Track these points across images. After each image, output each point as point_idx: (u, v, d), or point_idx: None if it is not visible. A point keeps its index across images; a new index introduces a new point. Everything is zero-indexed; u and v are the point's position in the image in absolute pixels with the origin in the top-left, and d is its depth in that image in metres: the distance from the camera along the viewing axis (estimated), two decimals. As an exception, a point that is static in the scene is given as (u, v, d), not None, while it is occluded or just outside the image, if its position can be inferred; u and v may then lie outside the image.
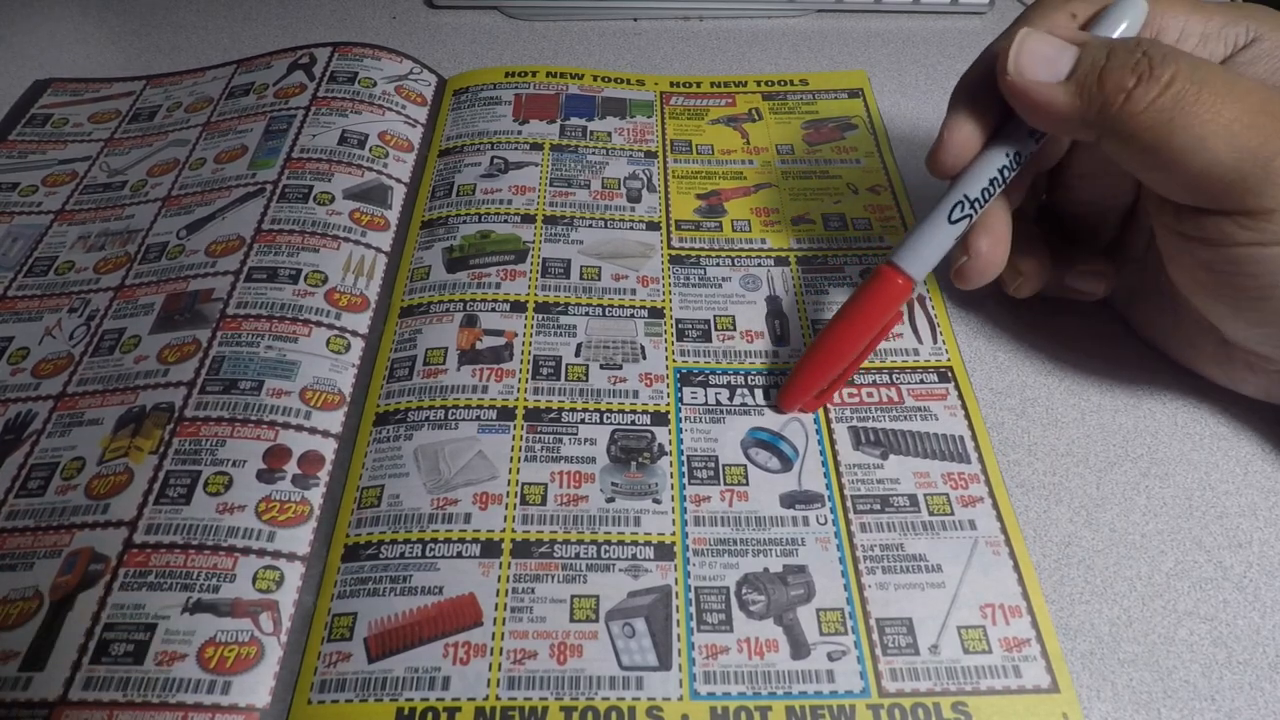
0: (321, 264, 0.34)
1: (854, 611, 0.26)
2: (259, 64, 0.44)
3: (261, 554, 0.27)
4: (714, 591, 0.26)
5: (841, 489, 0.29)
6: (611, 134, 0.41)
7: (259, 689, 0.24)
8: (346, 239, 0.35)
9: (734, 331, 0.33)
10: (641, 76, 0.45)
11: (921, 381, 0.31)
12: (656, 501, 0.28)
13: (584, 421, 0.30)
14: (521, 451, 0.29)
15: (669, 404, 0.31)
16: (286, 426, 0.29)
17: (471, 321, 0.33)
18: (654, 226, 0.37)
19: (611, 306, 0.34)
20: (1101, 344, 0.33)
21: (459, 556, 0.27)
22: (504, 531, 0.27)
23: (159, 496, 0.27)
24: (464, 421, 0.30)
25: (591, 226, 0.37)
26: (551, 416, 0.30)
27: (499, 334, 0.33)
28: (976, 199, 0.27)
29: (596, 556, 0.27)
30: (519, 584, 0.26)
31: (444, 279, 0.35)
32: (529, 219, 0.37)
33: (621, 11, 0.50)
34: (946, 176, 0.28)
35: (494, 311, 0.33)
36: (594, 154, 0.40)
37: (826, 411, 0.31)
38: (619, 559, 0.27)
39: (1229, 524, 0.28)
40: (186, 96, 0.44)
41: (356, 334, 0.33)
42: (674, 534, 0.28)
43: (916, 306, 0.34)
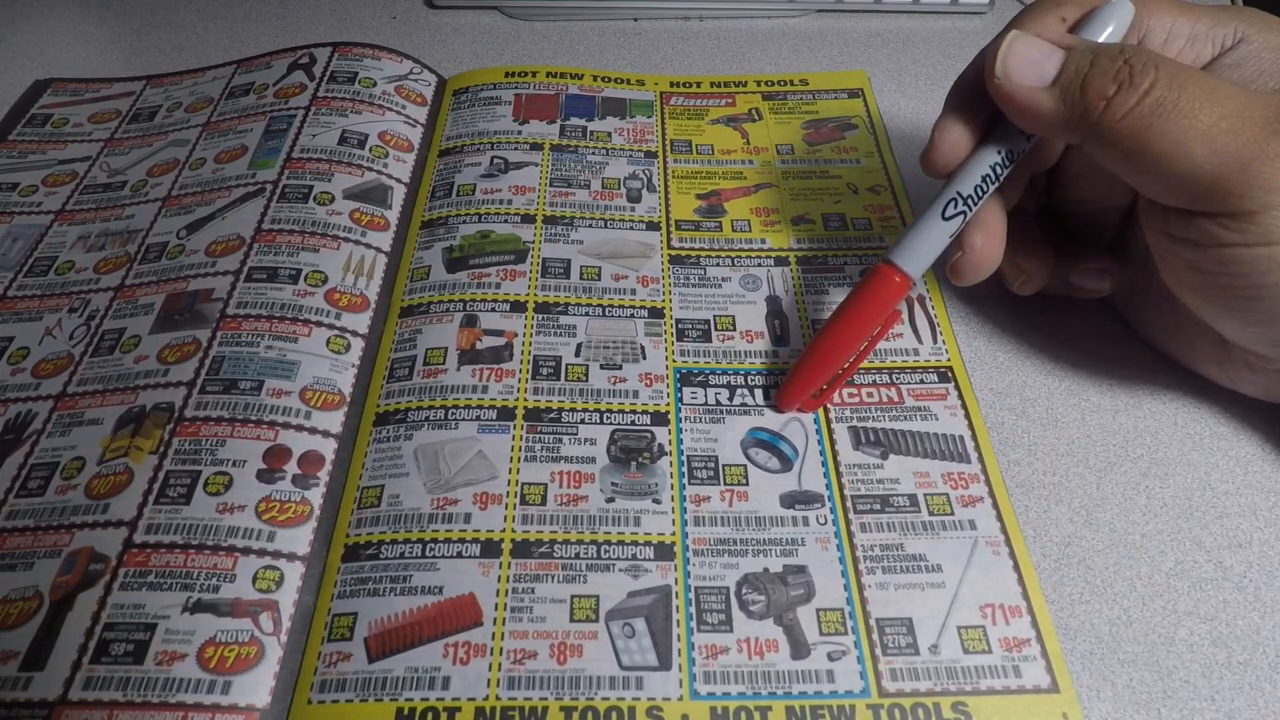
0: (321, 264, 0.34)
1: (854, 611, 0.26)
2: (259, 64, 0.44)
3: (261, 554, 0.27)
4: (714, 591, 0.26)
5: (841, 489, 0.29)
6: (611, 134, 0.41)
7: (259, 689, 0.24)
8: (346, 239, 0.35)
9: (734, 331, 0.33)
10: (641, 76, 0.45)
11: (921, 381, 0.31)
12: (656, 501, 0.28)
13: (584, 421, 0.30)
14: (521, 451, 0.29)
15: (669, 404, 0.31)
16: (286, 426, 0.29)
17: (471, 321, 0.33)
18: (654, 226, 0.37)
19: (611, 306, 0.34)
20: (1102, 344, 0.33)
21: (459, 556, 0.27)
22: (504, 531, 0.27)
23: (159, 496, 0.27)
24: (464, 421, 0.30)
25: (591, 226, 0.37)
26: (551, 416, 0.30)
27: (499, 334, 0.33)
28: (970, 196, 0.27)
29: (596, 556, 0.27)
30: (519, 584, 0.26)
31: (444, 279, 0.35)
32: (529, 219, 0.37)
33: (621, 11, 0.50)
34: (940, 175, 0.28)
35: (494, 311, 0.33)
36: (594, 154, 0.40)
37: (826, 411, 0.31)
38: (619, 559, 0.27)
39: (1229, 524, 0.28)
40: (186, 96, 0.44)
41: (356, 334, 0.33)
42: (674, 534, 0.28)
43: (916, 306, 0.34)
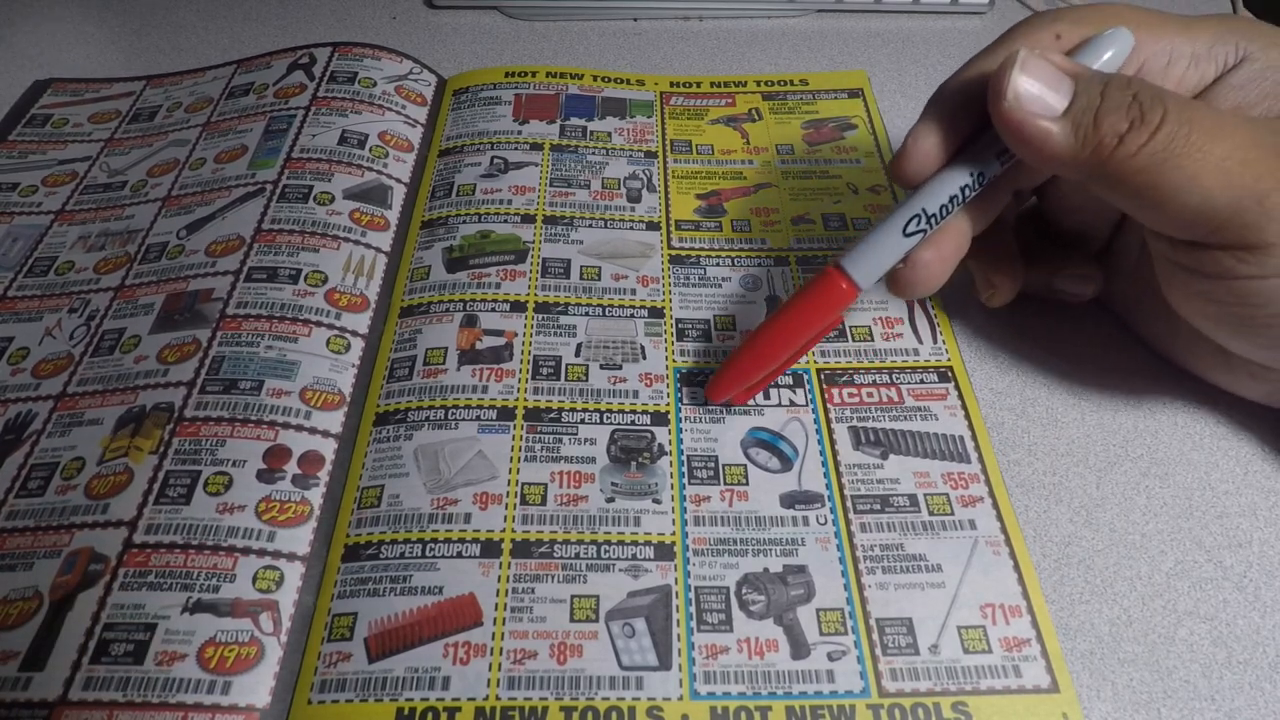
0: (321, 264, 0.34)
1: (854, 611, 0.26)
2: (259, 64, 0.44)
3: (261, 554, 0.27)
4: (714, 591, 0.26)
5: (841, 489, 0.29)
6: (611, 134, 0.41)
7: (259, 689, 0.24)
8: (346, 239, 0.35)
9: (734, 331, 0.33)
10: (641, 76, 0.45)
11: (921, 381, 0.31)
12: (656, 501, 0.28)
13: (584, 421, 0.30)
14: (521, 451, 0.29)
15: (669, 404, 0.31)
16: (286, 426, 0.29)
17: (471, 321, 0.33)
18: (654, 226, 0.37)
19: (611, 306, 0.34)
20: (1102, 344, 0.33)
21: (459, 556, 0.27)
22: (504, 531, 0.27)
23: (159, 496, 0.27)
24: (464, 421, 0.30)
25: (591, 226, 0.37)
26: (551, 416, 0.30)
27: (499, 334, 0.33)
28: (934, 215, 0.26)
29: (596, 556, 0.27)
30: (519, 584, 0.26)
31: (444, 279, 0.35)
32: (529, 219, 0.37)
33: (621, 11, 0.50)
34: (907, 186, 0.27)
35: (494, 311, 0.33)
36: (594, 154, 0.40)
37: (826, 411, 0.31)
38: (619, 559, 0.27)
39: (1229, 524, 0.28)
40: (186, 96, 0.44)
41: (356, 334, 0.33)
42: (674, 534, 0.28)
43: (916, 306, 0.34)
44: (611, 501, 0.28)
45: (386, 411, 0.31)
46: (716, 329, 0.33)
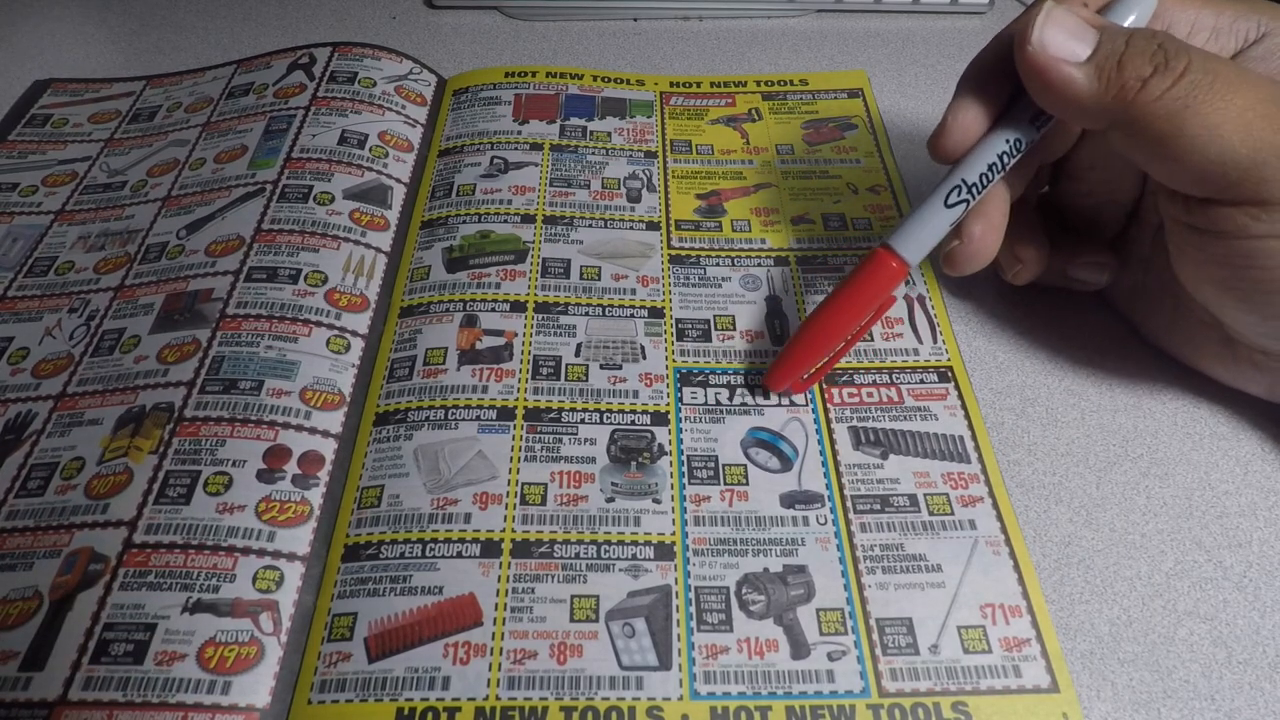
0: (321, 264, 0.34)
1: (854, 611, 0.26)
2: (259, 64, 0.44)
3: (261, 554, 0.27)
4: (714, 591, 0.26)
5: (841, 489, 0.29)
6: (611, 134, 0.41)
7: (259, 689, 0.24)
8: (346, 239, 0.35)
9: (734, 331, 0.33)
10: (641, 76, 0.45)
11: (921, 381, 0.31)
12: (656, 501, 0.28)
13: (584, 421, 0.30)
14: (521, 451, 0.29)
15: (669, 404, 0.31)
16: (286, 426, 0.29)
17: (471, 321, 0.33)
18: (654, 226, 0.37)
19: (611, 306, 0.34)
20: (1102, 344, 0.33)
21: (459, 556, 0.27)
22: (504, 531, 0.27)
23: (159, 496, 0.27)
24: (464, 421, 0.30)
25: (591, 226, 0.37)
26: (551, 416, 0.30)
27: (499, 334, 0.33)
28: (974, 184, 0.27)
29: (596, 556, 0.27)
30: (519, 584, 0.26)
31: (444, 279, 0.35)
32: (529, 219, 0.37)
33: (621, 11, 0.50)
34: (948, 161, 0.27)
35: (494, 311, 0.33)
36: (594, 154, 0.40)
37: (826, 411, 0.31)
38: (619, 559, 0.27)
39: (1229, 524, 0.28)
40: (186, 96, 0.44)
41: (356, 334, 0.33)
42: (674, 534, 0.28)
43: (916, 306, 0.34)
44: (611, 501, 0.28)
45: (386, 411, 0.31)
46: (716, 329, 0.33)
